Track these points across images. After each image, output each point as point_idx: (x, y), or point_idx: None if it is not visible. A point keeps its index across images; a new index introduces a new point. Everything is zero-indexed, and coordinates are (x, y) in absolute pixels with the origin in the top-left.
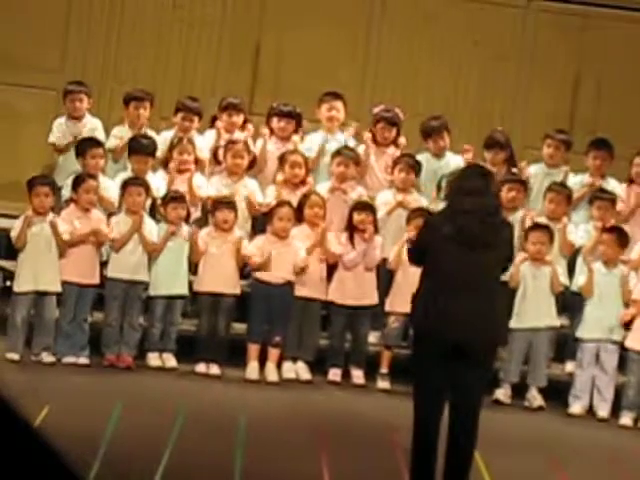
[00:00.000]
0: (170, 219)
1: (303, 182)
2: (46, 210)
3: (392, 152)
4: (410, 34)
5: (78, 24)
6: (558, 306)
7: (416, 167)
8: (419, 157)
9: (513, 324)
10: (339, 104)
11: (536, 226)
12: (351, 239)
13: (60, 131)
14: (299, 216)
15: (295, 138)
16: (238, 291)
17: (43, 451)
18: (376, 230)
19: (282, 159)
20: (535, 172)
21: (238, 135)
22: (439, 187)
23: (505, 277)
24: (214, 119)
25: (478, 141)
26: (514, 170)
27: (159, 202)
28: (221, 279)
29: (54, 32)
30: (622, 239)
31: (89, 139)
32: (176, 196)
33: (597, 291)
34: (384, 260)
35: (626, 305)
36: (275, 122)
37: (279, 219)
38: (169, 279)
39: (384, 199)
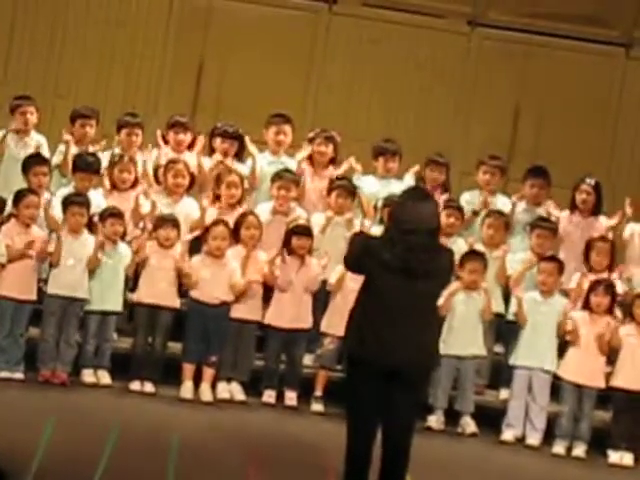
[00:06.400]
0: (107, 235)
1: (239, 202)
2: None
3: (329, 174)
4: (353, 58)
5: (21, 38)
6: (494, 334)
7: (353, 192)
8: (363, 178)
9: (440, 350)
10: (287, 128)
11: (472, 254)
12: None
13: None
14: (235, 237)
15: (228, 162)
16: (177, 304)
17: None
18: (310, 253)
19: (218, 179)
20: (472, 199)
21: (188, 155)
22: (375, 208)
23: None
24: (164, 137)
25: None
26: (446, 196)
27: (96, 218)
28: (159, 292)
29: None
30: (560, 268)
31: (34, 156)
32: (114, 212)
33: (531, 319)
34: (323, 281)
35: (562, 338)
36: (218, 142)
37: (213, 238)
38: (103, 295)
39: (318, 220)
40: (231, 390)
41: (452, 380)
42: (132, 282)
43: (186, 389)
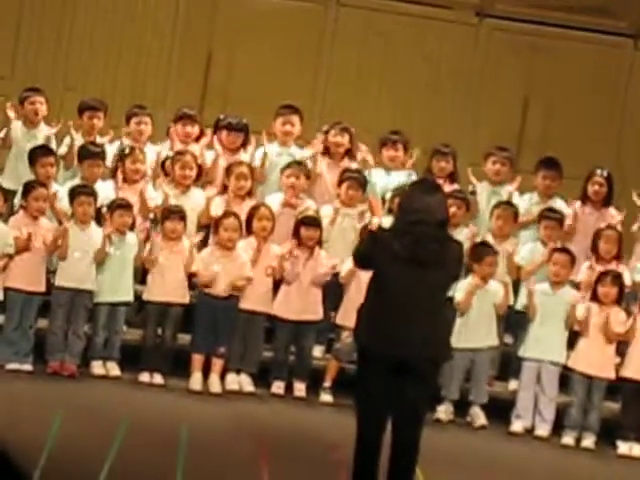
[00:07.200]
0: (115, 226)
1: (250, 194)
2: None
3: (346, 165)
4: (361, 50)
5: (29, 31)
6: (503, 324)
7: (364, 184)
8: (372, 171)
9: (454, 343)
10: (295, 118)
11: (486, 246)
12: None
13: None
14: (247, 228)
15: (244, 155)
16: (187, 300)
17: None
18: (320, 244)
19: (228, 171)
20: (480, 190)
21: (193, 147)
22: (384, 200)
23: (451, 294)
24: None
25: (425, 158)
26: (456, 186)
27: (104, 209)
28: (170, 288)
29: (4, 38)
30: (572, 260)
31: (40, 147)
32: (123, 204)
33: (541, 311)
34: (334, 273)
35: (571, 328)
36: (224, 135)
37: (224, 230)
38: (113, 286)
39: (328, 212)
40: (240, 381)
41: (465, 372)
42: (140, 274)
43: (195, 380)
